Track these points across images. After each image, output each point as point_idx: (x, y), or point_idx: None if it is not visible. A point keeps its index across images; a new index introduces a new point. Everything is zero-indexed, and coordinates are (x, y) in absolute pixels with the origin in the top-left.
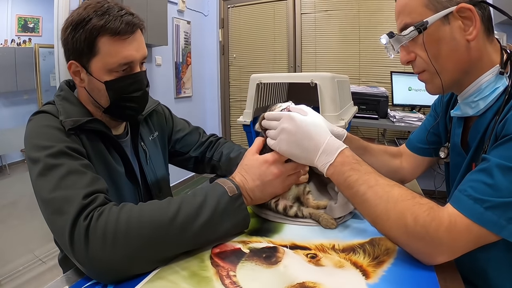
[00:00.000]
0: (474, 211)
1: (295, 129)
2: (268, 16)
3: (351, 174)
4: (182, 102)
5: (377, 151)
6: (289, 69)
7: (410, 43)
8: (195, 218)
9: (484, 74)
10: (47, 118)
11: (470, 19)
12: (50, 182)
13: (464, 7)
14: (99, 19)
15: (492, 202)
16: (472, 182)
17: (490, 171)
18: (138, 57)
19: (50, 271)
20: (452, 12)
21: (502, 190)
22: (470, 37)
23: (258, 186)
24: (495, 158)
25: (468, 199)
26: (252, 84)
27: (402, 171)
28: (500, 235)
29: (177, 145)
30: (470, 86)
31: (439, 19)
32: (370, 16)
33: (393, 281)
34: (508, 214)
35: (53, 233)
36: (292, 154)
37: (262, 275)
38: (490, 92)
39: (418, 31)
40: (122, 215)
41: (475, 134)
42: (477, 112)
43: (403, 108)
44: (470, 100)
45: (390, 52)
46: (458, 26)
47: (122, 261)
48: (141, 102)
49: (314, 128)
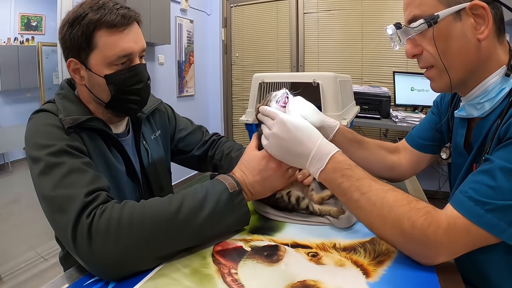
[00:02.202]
0: (474, 212)
1: (284, 135)
2: (271, 16)
3: (343, 181)
4: (184, 101)
5: (372, 146)
6: (292, 69)
7: (417, 36)
8: (197, 215)
9: (491, 75)
10: (48, 117)
11: (483, 18)
12: (51, 180)
13: (477, 4)
14: (95, 14)
15: (493, 204)
16: (473, 183)
17: (492, 173)
18: (137, 48)
19: (52, 268)
20: (465, 8)
21: (504, 193)
22: (482, 36)
23: (258, 181)
24: (499, 160)
25: (469, 200)
26: (255, 84)
27: (400, 168)
28: (500, 238)
29: (180, 144)
30: (476, 87)
31: (451, 14)
32: (373, 16)
33: (394, 280)
34: (509, 217)
35: (56, 231)
36: (284, 159)
37: (263, 273)
38: (497, 94)
39: (428, 25)
40: (124, 212)
41: (478, 135)
42: (483, 114)
43: (405, 108)
44: (476, 101)
45: (395, 44)
46: (469, 23)
47: (125, 258)
48: (143, 94)
49: (305, 133)
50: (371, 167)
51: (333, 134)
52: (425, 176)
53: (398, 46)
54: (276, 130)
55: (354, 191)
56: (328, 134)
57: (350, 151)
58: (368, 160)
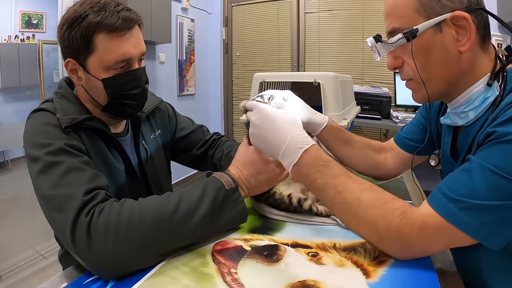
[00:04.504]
0: (448, 210)
1: (260, 122)
2: (272, 15)
3: (318, 177)
4: (185, 100)
5: (359, 144)
6: (292, 68)
7: (398, 48)
8: (195, 212)
9: (475, 84)
10: (46, 116)
11: (465, 28)
12: (50, 179)
13: (459, 15)
14: (95, 15)
15: (467, 203)
16: (450, 181)
17: (470, 172)
18: (136, 53)
19: (51, 266)
20: (446, 20)
21: (479, 193)
22: (463, 48)
23: (253, 174)
24: (478, 159)
25: (443, 197)
26: (256, 83)
27: (385, 167)
28: (474, 238)
29: (180, 143)
30: (459, 96)
31: (431, 27)
32: (374, 16)
33: (394, 280)
34: (483, 218)
35: (55, 230)
36: (260, 148)
37: (263, 273)
38: (481, 103)
39: (407, 39)
40: (123, 210)
41: (464, 144)
42: (467, 123)
43: (406, 109)
44: (460, 110)
45: (376, 55)
46: (451, 35)
47: (124, 256)
48: (140, 99)
49: (281, 122)
50: (356, 165)
51: (320, 131)
52: (425, 176)
53: (379, 58)
54: (254, 118)
55: (329, 189)
56: (315, 130)
57: (335, 148)
58: (353, 158)
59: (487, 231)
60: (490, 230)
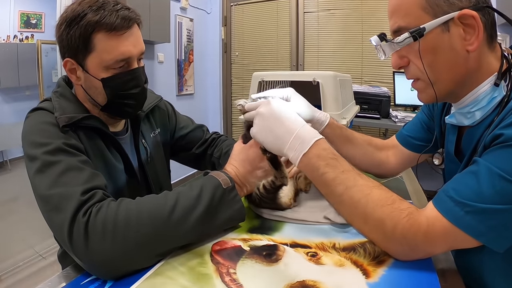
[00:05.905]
0: (454, 213)
1: (268, 113)
2: (271, 15)
3: (327, 171)
4: (184, 99)
5: (361, 142)
6: (292, 68)
7: (404, 47)
8: (192, 211)
9: (482, 84)
10: (44, 115)
11: (473, 27)
12: (48, 179)
13: (467, 14)
14: (94, 15)
15: (474, 207)
16: (457, 183)
17: (477, 175)
18: (135, 52)
19: (50, 266)
20: (453, 18)
21: (486, 196)
22: (471, 47)
23: (249, 171)
24: (485, 162)
25: (450, 200)
26: (254, 82)
27: (387, 165)
28: (479, 241)
29: (180, 142)
30: (466, 96)
31: (438, 25)
32: (373, 16)
33: (393, 280)
34: (489, 221)
35: (52, 230)
36: (264, 138)
37: (262, 273)
38: (488, 103)
39: (414, 38)
40: (120, 210)
41: (469, 144)
42: (473, 123)
43: (405, 108)
44: (466, 110)
45: (380, 55)
46: (458, 34)
47: (122, 256)
48: (139, 99)
49: (289, 115)
50: (358, 163)
51: (322, 129)
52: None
53: (384, 57)
54: (262, 109)
55: (339, 184)
56: (317, 128)
57: (337, 146)
58: (355, 156)
59: (493, 234)
60: (496, 233)
